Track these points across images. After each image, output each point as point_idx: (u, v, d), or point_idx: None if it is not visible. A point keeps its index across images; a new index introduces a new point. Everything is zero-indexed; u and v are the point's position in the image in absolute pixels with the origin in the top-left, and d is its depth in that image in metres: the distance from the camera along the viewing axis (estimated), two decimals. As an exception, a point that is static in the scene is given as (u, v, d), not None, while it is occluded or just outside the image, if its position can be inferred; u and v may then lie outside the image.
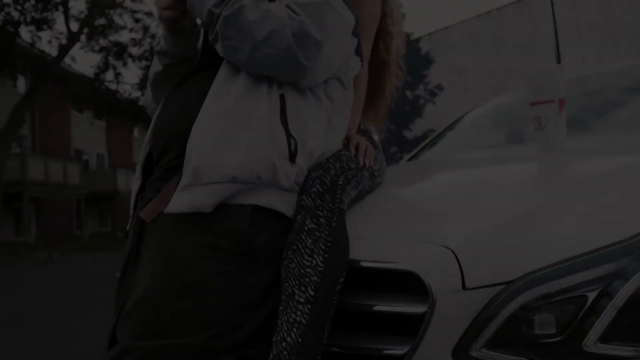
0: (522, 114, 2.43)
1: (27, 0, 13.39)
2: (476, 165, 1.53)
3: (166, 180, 0.96)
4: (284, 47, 0.88)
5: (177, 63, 1.14)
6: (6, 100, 16.39)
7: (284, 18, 0.88)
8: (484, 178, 1.27)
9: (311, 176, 0.92)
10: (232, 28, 0.89)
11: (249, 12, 0.88)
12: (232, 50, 0.90)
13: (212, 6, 0.90)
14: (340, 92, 1.04)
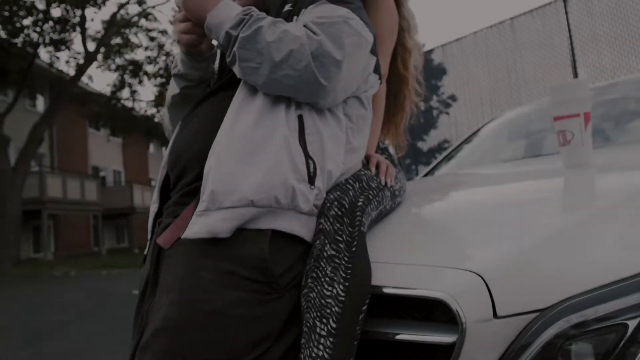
0: (542, 125, 2.39)
1: (46, 22, 13.72)
2: (499, 181, 1.49)
3: (183, 205, 0.94)
4: (303, 67, 0.86)
5: (195, 85, 1.14)
6: (25, 119, 16.75)
7: (302, 38, 0.87)
8: (509, 195, 1.22)
9: (329, 198, 0.90)
10: (250, 49, 0.88)
11: (267, 33, 0.87)
12: (250, 72, 0.89)
13: (230, 28, 0.90)
14: (360, 112, 1.02)
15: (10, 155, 14.35)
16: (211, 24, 0.93)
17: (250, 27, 0.88)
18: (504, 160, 2.03)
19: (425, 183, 1.83)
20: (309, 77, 0.87)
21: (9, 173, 13.48)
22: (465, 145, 2.69)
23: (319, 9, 0.95)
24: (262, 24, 0.89)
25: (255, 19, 0.90)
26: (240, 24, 0.89)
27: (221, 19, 0.92)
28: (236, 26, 0.89)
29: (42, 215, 15.88)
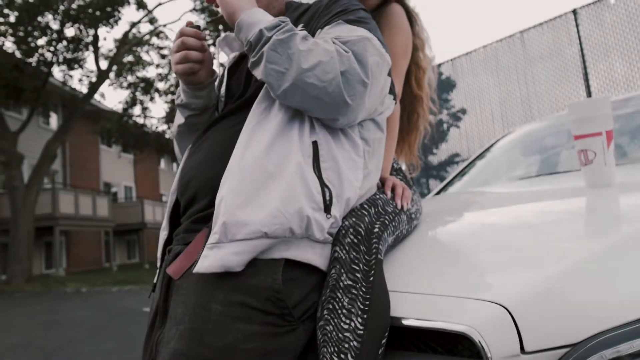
0: (558, 140, 2.34)
1: (59, 42, 13.98)
2: (518, 201, 1.44)
3: (193, 232, 0.92)
4: (329, 79, 0.83)
5: (199, 114, 1.13)
6: (39, 137, 17.00)
7: (332, 52, 0.85)
8: (529, 217, 1.18)
9: (344, 225, 0.86)
10: (281, 53, 0.85)
11: (300, 41, 0.86)
12: (275, 75, 0.86)
13: (265, 28, 0.88)
14: (377, 135, 0.99)
15: (23, 172, 14.54)
16: (244, 21, 0.91)
17: (285, 32, 0.87)
18: (520, 178, 1.98)
19: (440, 202, 1.79)
20: (334, 91, 0.84)
21: (22, 190, 13.64)
22: (479, 162, 2.65)
23: (337, 28, 0.94)
24: (297, 32, 0.88)
25: (291, 26, 0.88)
26: (275, 27, 0.88)
27: (256, 19, 0.91)
28: (271, 28, 0.88)
29: (55, 231, 15.99)
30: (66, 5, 13.38)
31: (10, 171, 13.51)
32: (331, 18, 0.98)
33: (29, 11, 12.72)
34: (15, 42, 13.22)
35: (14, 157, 13.59)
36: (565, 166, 2.02)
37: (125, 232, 22.70)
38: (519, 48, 7.38)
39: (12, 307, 8.67)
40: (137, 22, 15.86)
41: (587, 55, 6.61)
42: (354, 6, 1.01)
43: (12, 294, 11.20)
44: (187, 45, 1.02)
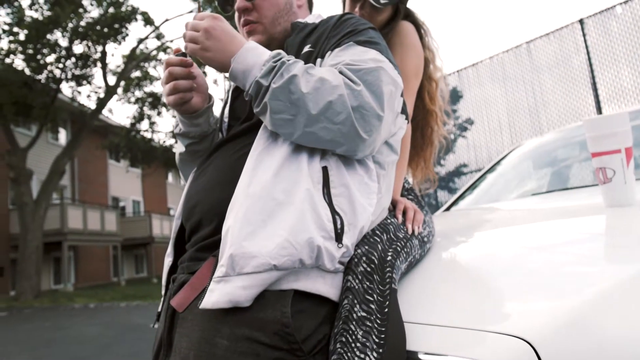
0: (571, 154, 2.29)
1: (68, 59, 14.15)
2: (533, 219, 1.40)
3: (199, 260, 0.88)
4: (342, 120, 0.80)
5: (199, 142, 1.10)
6: (48, 152, 17.14)
7: (340, 88, 0.80)
8: (548, 238, 1.13)
9: (356, 253, 0.83)
10: (284, 100, 0.81)
11: (302, 82, 0.81)
12: (283, 124, 0.82)
13: (260, 77, 0.83)
14: (391, 157, 0.95)
15: (32, 187, 14.63)
16: (237, 70, 0.86)
17: (282, 76, 0.82)
18: (533, 193, 1.93)
19: (452, 220, 1.74)
20: (349, 130, 0.80)
21: (31, 206, 13.71)
22: (489, 175, 2.60)
23: (348, 52, 0.90)
24: (296, 71, 0.82)
25: (287, 66, 0.83)
26: (271, 72, 0.83)
27: (248, 65, 0.85)
28: (267, 74, 0.83)
29: (63, 246, 16.03)
30: (75, 23, 13.56)
31: (20, 187, 13.61)
32: (341, 39, 0.95)
33: (38, 29, 12.90)
34: (24, 60, 13.39)
35: (23, 174, 13.69)
36: (578, 181, 1.97)
37: (133, 247, 22.73)
38: (526, 58, 7.35)
39: (20, 324, 8.65)
40: (145, 38, 16.03)
41: (595, 63, 6.56)
42: (363, 25, 0.98)
43: (20, 310, 11.20)
44: (175, 75, 0.98)
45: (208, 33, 0.88)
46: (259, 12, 1.09)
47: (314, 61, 0.95)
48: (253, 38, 1.09)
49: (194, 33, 0.89)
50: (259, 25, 1.09)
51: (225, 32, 0.89)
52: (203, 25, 0.89)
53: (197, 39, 0.89)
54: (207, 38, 0.88)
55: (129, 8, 14.54)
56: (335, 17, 1.04)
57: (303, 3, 1.18)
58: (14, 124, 14.35)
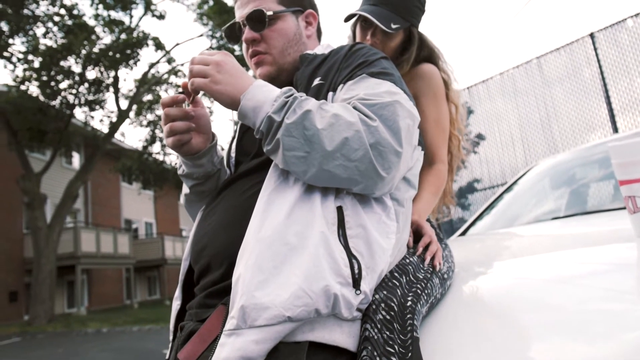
0: (591, 174, 2.21)
1: (81, 84, 14.40)
2: (556, 247, 1.33)
3: (207, 307, 0.83)
4: (359, 157, 0.75)
5: (204, 182, 1.06)
6: (61, 177, 17.35)
7: (357, 124, 0.76)
8: (574, 269, 1.06)
9: (375, 299, 0.77)
10: (298, 137, 0.77)
11: (316, 118, 0.77)
12: (297, 162, 0.78)
13: (272, 112, 0.79)
14: (409, 193, 0.90)
15: (46, 211, 14.77)
16: (247, 107, 0.82)
17: (295, 112, 0.78)
18: (554, 217, 1.85)
19: (470, 248, 1.67)
20: (367, 168, 0.76)
21: (45, 230, 13.81)
22: (506, 195, 2.52)
23: (361, 85, 0.86)
24: (310, 107, 0.78)
25: (299, 101, 0.79)
26: (283, 108, 0.79)
27: (259, 102, 0.81)
28: (279, 110, 0.79)
29: (76, 270, 16.09)
30: (88, 50, 13.82)
31: (34, 212, 13.73)
32: (352, 71, 0.91)
33: (52, 56, 13.17)
34: (39, 86, 13.65)
35: (37, 198, 13.83)
36: (600, 203, 1.89)
37: (146, 269, 22.75)
38: (537, 73, 7.29)
39: (33, 349, 8.62)
40: (156, 63, 16.29)
41: (607, 75, 6.48)
42: (375, 56, 0.94)
43: (34, 335, 11.18)
44: (171, 116, 0.94)
45: (219, 66, 0.85)
46: (267, 43, 1.06)
47: (326, 94, 0.91)
48: (261, 69, 1.06)
49: (203, 66, 0.86)
50: (268, 56, 1.06)
51: (235, 67, 0.86)
52: (214, 59, 0.86)
53: (207, 72, 0.85)
54: (218, 71, 0.84)
55: (140, 34, 14.81)
56: (346, 48, 1.00)
57: (312, 33, 1.15)
58: (28, 150, 14.56)
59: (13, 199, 15.61)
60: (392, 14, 1.31)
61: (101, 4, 14.28)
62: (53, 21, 13.39)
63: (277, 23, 1.06)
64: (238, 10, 1.10)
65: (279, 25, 1.06)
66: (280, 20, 1.06)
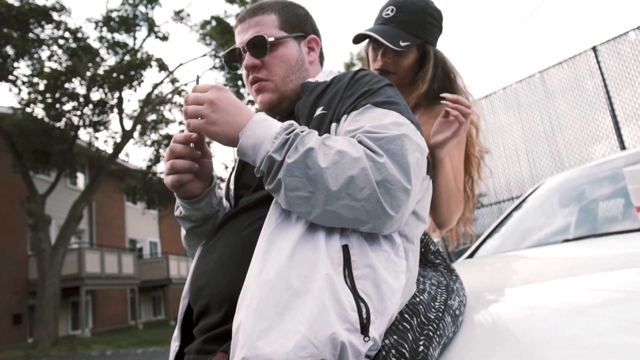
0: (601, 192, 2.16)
1: (86, 106, 14.51)
2: (570, 272, 1.27)
3: (206, 354, 0.79)
4: (366, 196, 0.71)
5: (202, 224, 1.02)
6: (66, 197, 17.37)
7: (362, 160, 0.72)
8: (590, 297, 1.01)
9: (384, 344, 0.71)
10: (300, 176, 0.73)
11: (320, 156, 0.73)
12: (300, 203, 0.74)
13: (273, 151, 0.75)
14: (419, 229, 0.85)
15: (51, 232, 14.75)
16: (246, 145, 0.78)
17: (297, 150, 0.74)
18: (565, 239, 1.79)
19: (479, 273, 1.61)
20: (374, 207, 0.71)
21: (49, 252, 13.78)
22: (515, 214, 2.46)
23: (366, 115, 0.82)
24: (312, 144, 0.74)
25: (301, 137, 0.75)
26: (284, 146, 0.75)
27: (258, 139, 0.77)
28: (280, 148, 0.75)
29: (81, 291, 16.00)
30: (92, 72, 13.96)
31: (38, 234, 13.71)
32: (357, 101, 0.87)
33: (57, 79, 13.30)
34: (44, 109, 13.76)
35: (41, 220, 13.82)
36: (613, 225, 1.83)
37: (151, 289, 22.61)
38: (540, 87, 7.27)
39: (37, 375, 8.51)
40: (159, 83, 16.42)
41: (610, 86, 6.46)
42: (379, 83, 0.90)
43: (38, 358, 11.07)
44: (175, 153, 0.90)
45: (214, 105, 0.80)
46: (268, 70, 1.02)
47: (329, 125, 0.86)
48: (262, 96, 1.02)
49: (197, 107, 0.81)
50: (269, 83, 1.03)
51: (231, 103, 0.82)
52: (208, 97, 0.81)
53: (201, 112, 0.81)
54: (213, 111, 0.80)
55: (144, 55, 14.96)
56: (349, 75, 0.96)
57: (314, 59, 1.11)
58: (33, 171, 14.62)
59: (18, 220, 15.61)
60: (402, 31, 1.26)
61: (105, 27, 14.47)
62: (58, 44, 13.56)
63: (278, 49, 1.03)
64: (238, 35, 1.07)
65: (281, 51, 1.03)
66: (282, 46, 1.03)
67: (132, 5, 14.73)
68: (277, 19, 1.05)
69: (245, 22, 1.05)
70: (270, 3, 1.07)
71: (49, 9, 12.73)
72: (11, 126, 13.16)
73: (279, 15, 1.05)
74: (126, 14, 14.67)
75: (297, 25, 1.08)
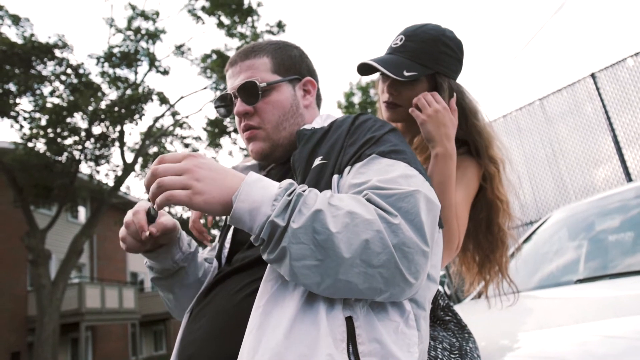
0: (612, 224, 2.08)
1: (87, 140, 14.57)
2: (584, 317, 1.21)
3: None
4: (383, 262, 0.63)
5: (163, 278, 0.96)
6: (67, 232, 17.27)
7: (376, 222, 0.64)
8: (613, 346, 0.95)
9: None
10: (307, 243, 0.64)
11: (328, 218, 0.64)
12: (308, 272, 0.65)
13: (275, 216, 0.66)
14: (430, 292, 0.78)
15: (51, 267, 14.58)
16: (241, 211, 0.68)
17: (302, 213, 0.65)
18: (577, 280, 1.71)
19: (492, 316, 1.52)
20: (392, 274, 0.64)
21: (49, 288, 13.59)
22: (524, 249, 2.38)
23: (372, 167, 0.75)
24: (318, 205, 0.66)
25: (304, 198, 0.67)
26: (286, 209, 0.66)
27: (255, 203, 0.68)
28: (282, 212, 0.66)
29: (80, 327, 15.71)
30: (94, 106, 14.08)
31: (38, 269, 13.55)
32: (360, 150, 0.80)
33: (59, 114, 13.39)
34: (45, 143, 13.81)
35: (41, 255, 13.67)
36: (626, 264, 1.76)
37: (152, 323, 22.23)
38: (540, 113, 7.29)
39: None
40: (160, 116, 16.54)
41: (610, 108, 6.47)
42: (382, 129, 0.84)
43: (35, 399, 10.75)
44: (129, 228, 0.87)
45: (195, 172, 0.71)
46: (261, 117, 0.97)
47: (329, 177, 0.79)
48: (254, 145, 0.97)
49: (175, 178, 0.71)
50: (261, 131, 0.97)
51: (213, 168, 0.73)
52: (185, 166, 0.72)
53: (184, 183, 0.70)
54: (197, 179, 0.70)
55: (145, 90, 15.12)
56: (349, 120, 0.90)
57: (310, 102, 1.05)
58: (34, 206, 14.56)
59: (17, 256, 15.47)
60: (409, 60, 1.14)
61: (107, 62, 14.67)
62: (60, 80, 13.71)
63: (271, 94, 0.97)
64: (229, 79, 1.01)
65: (274, 96, 0.97)
66: (275, 92, 0.98)
67: (134, 41, 14.97)
68: (269, 62, 0.99)
69: (236, 66, 1.00)
70: (263, 45, 1.02)
71: (51, 47, 12.92)
72: (12, 161, 13.18)
73: (272, 58, 1.00)
74: (127, 50, 14.88)
75: (292, 68, 1.02)
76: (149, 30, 15.09)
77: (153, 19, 15.24)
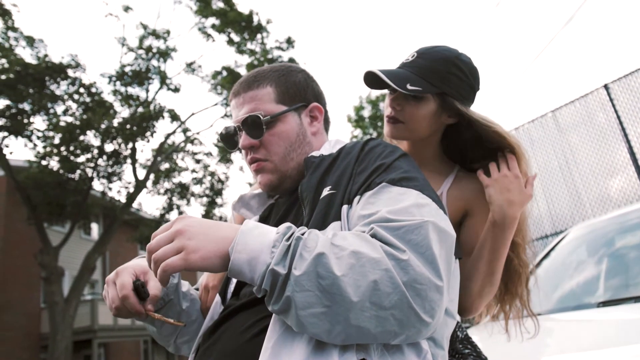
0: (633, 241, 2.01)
1: (100, 157, 14.72)
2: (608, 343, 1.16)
3: None
4: (394, 303, 0.59)
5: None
6: (80, 248, 17.38)
7: (383, 260, 0.60)
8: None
9: None
10: (312, 289, 0.60)
11: (333, 262, 0.61)
12: (316, 321, 0.61)
13: (275, 264, 0.62)
14: (447, 328, 0.74)
15: (64, 284, 14.65)
16: (240, 262, 0.65)
17: (303, 258, 0.62)
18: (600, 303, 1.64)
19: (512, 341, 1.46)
20: (406, 314, 0.60)
21: (62, 305, 13.63)
22: (542, 268, 2.32)
23: (382, 197, 0.71)
24: (320, 248, 0.62)
25: (304, 241, 0.63)
26: (286, 255, 0.63)
27: (253, 252, 0.65)
28: (282, 259, 0.62)
29: (93, 344, 15.71)
30: (106, 124, 14.25)
31: (51, 286, 13.61)
32: (370, 178, 0.76)
33: (72, 132, 13.58)
34: (58, 161, 13.98)
35: (54, 272, 13.74)
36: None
37: (164, 339, 22.20)
38: (552, 125, 7.21)
39: None
40: (172, 133, 16.69)
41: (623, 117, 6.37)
42: (392, 155, 0.80)
43: (48, 418, 10.71)
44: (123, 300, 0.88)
45: (185, 232, 0.68)
46: (267, 149, 0.94)
47: (339, 208, 0.75)
48: (262, 177, 0.94)
49: (167, 247, 0.68)
50: (268, 163, 0.94)
51: (203, 224, 0.69)
52: (174, 230, 0.69)
53: (176, 248, 0.67)
54: (189, 238, 0.67)
55: (156, 107, 15.29)
56: (358, 147, 0.87)
57: (318, 128, 1.01)
58: (47, 223, 14.69)
59: (31, 273, 15.58)
60: (415, 76, 1.09)
61: (119, 81, 14.89)
62: (73, 99, 13.93)
63: (276, 126, 0.94)
64: (234, 110, 0.98)
65: (279, 127, 0.94)
66: (280, 122, 0.95)
67: (145, 59, 15.19)
68: (273, 91, 0.96)
69: (239, 97, 0.97)
70: (266, 73, 0.98)
71: (65, 66, 13.16)
72: (26, 179, 13.34)
73: (276, 87, 0.96)
74: (139, 68, 15.10)
75: (297, 95, 0.98)
76: (160, 49, 15.32)
77: (164, 37, 15.48)
